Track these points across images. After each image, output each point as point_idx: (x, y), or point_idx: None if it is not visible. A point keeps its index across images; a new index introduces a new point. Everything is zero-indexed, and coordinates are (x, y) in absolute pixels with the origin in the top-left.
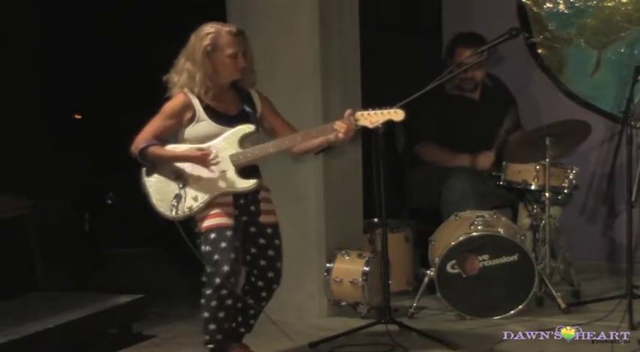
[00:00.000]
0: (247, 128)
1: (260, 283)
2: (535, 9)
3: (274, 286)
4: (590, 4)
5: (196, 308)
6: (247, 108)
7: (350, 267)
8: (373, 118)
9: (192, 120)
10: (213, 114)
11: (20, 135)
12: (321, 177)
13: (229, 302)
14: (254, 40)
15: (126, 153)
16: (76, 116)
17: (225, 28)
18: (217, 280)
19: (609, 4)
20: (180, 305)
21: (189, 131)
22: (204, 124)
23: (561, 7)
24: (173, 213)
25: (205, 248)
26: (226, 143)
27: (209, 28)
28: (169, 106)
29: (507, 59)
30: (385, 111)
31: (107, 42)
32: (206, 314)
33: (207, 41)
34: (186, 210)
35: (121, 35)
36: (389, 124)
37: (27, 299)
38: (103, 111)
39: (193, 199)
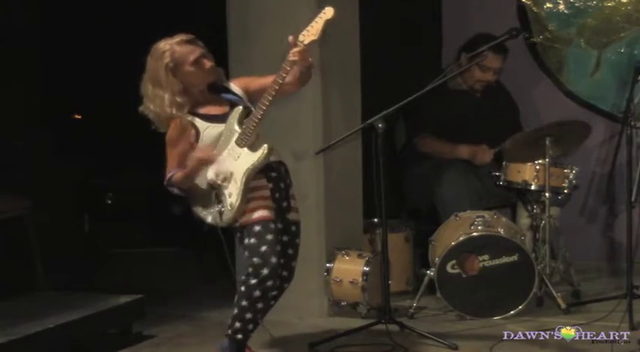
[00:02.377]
0: (236, 112)
1: (285, 272)
2: (535, 9)
3: (285, 285)
4: (590, 4)
5: (196, 308)
6: (234, 98)
7: (350, 267)
8: (313, 31)
9: (198, 134)
10: (211, 119)
11: (20, 134)
12: (322, 177)
13: (271, 294)
14: (254, 40)
15: (125, 154)
16: (76, 116)
17: (175, 40)
18: (265, 271)
19: (609, 4)
20: (180, 305)
21: (201, 143)
22: (210, 130)
23: (561, 7)
24: (220, 219)
25: (250, 240)
26: (227, 134)
27: (162, 46)
28: (171, 134)
29: (507, 59)
30: (317, 19)
31: (108, 41)
32: (244, 303)
33: (166, 59)
34: (229, 207)
35: (122, 34)
36: (389, 123)
37: (27, 299)
38: (104, 111)
39: (229, 196)
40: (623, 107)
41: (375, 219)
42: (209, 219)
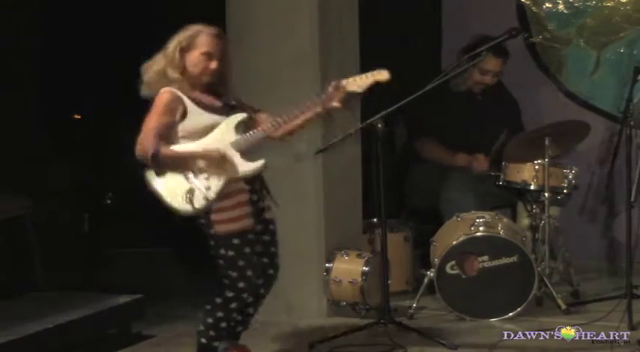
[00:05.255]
0: (239, 116)
1: (260, 280)
2: (534, 9)
3: (273, 282)
4: (589, 4)
5: (196, 308)
6: (230, 102)
7: (349, 267)
8: (360, 82)
9: (184, 114)
10: (202, 105)
11: (20, 135)
12: (321, 177)
13: (249, 307)
14: (253, 42)
15: (125, 154)
16: (76, 116)
17: (206, 29)
18: (242, 284)
19: (608, 5)
20: (180, 305)
21: (185, 126)
22: (197, 116)
23: (560, 7)
24: (190, 207)
25: (228, 253)
26: (223, 133)
27: (191, 27)
28: (161, 102)
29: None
30: (369, 74)
31: (108, 42)
32: (220, 314)
33: (184, 35)
34: (202, 201)
35: (122, 35)
36: (389, 123)
37: (27, 299)
38: (103, 112)
39: (207, 189)
40: (623, 107)
41: (375, 219)
42: (172, 204)
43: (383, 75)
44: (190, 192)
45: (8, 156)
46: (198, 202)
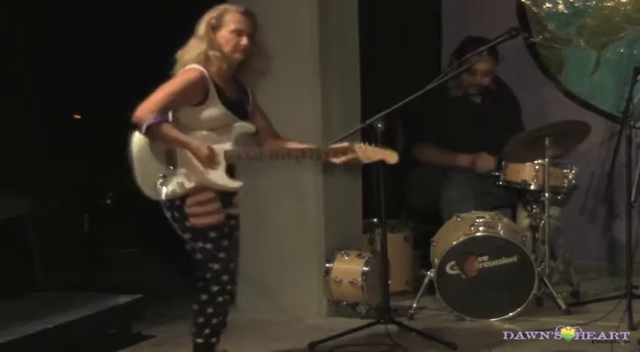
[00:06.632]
0: (247, 127)
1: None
2: (534, 9)
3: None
4: (589, 4)
5: None
6: (244, 98)
7: (349, 267)
8: (370, 154)
9: (203, 101)
10: (222, 96)
11: (20, 135)
12: (321, 177)
13: (229, 297)
14: None
15: (125, 154)
16: (76, 116)
17: (232, 7)
18: (225, 277)
19: (609, 5)
20: (180, 305)
21: (199, 112)
22: (214, 109)
23: (560, 7)
24: (155, 193)
25: (205, 245)
26: (221, 135)
27: (220, 6)
28: (184, 81)
29: (507, 59)
30: (382, 151)
31: (107, 41)
32: (210, 310)
33: (212, 15)
34: (169, 193)
35: (122, 35)
36: (388, 122)
37: (27, 299)
38: (104, 111)
39: (179, 184)
40: (623, 107)
41: (375, 219)
42: (139, 179)
43: (392, 158)
44: (164, 178)
45: (8, 156)
46: (165, 193)
